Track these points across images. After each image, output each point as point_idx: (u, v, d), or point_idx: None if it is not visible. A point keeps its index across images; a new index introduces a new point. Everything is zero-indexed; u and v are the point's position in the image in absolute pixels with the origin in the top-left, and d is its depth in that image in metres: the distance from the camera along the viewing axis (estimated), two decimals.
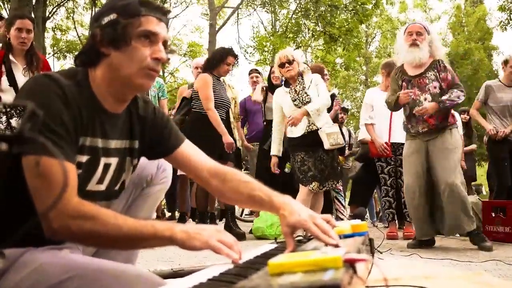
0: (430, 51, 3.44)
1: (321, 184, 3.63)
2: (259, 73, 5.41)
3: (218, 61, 4.08)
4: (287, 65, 3.65)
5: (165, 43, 1.18)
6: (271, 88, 4.76)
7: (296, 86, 3.69)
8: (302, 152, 3.63)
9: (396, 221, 4.37)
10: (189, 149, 1.36)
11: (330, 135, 3.56)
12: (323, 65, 5.29)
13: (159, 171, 1.49)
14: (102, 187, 1.23)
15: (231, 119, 4.24)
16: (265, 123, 4.70)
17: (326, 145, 3.56)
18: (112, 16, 1.13)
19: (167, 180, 1.52)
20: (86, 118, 1.13)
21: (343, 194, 4.86)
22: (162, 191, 1.53)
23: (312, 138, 3.60)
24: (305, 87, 3.67)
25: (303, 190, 3.65)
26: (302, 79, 3.72)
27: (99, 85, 1.16)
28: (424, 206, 3.35)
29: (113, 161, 1.23)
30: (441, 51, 3.58)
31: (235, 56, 4.16)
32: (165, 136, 1.33)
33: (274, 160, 3.92)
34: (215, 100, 3.98)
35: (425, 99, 3.33)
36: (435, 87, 3.36)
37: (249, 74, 5.53)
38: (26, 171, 1.00)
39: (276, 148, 3.87)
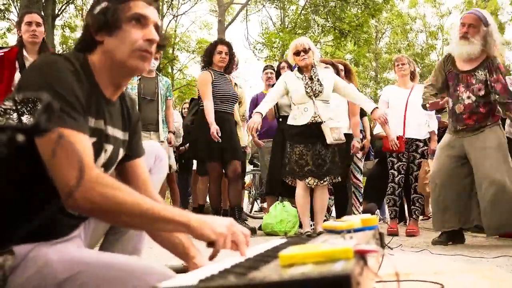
0: (485, 45, 3.16)
1: (319, 179, 3.56)
2: (274, 69, 5.33)
3: (210, 53, 4.14)
4: (302, 53, 3.64)
5: (156, 27, 1.20)
6: None
7: (311, 75, 3.66)
8: (302, 145, 3.57)
9: (397, 218, 4.32)
10: (144, 167, 1.35)
11: (333, 130, 3.52)
12: (344, 61, 5.19)
13: (157, 161, 1.50)
14: None
15: (237, 118, 4.20)
16: (280, 119, 4.58)
17: (329, 140, 3.50)
18: (103, 4, 1.16)
19: (164, 170, 1.55)
20: (93, 98, 1.14)
21: (361, 191, 4.80)
22: (160, 181, 1.54)
23: (313, 130, 3.54)
24: (319, 79, 3.65)
25: (300, 185, 3.61)
26: (316, 70, 3.70)
27: (99, 71, 1.17)
28: (444, 199, 3.26)
29: (109, 148, 1.22)
30: (498, 46, 3.24)
31: (225, 43, 4.17)
32: (134, 140, 1.34)
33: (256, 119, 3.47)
34: (218, 94, 4.02)
35: (468, 97, 3.20)
36: (479, 89, 3.18)
37: (264, 70, 5.50)
38: (46, 146, 0.97)
39: (263, 108, 3.56)
